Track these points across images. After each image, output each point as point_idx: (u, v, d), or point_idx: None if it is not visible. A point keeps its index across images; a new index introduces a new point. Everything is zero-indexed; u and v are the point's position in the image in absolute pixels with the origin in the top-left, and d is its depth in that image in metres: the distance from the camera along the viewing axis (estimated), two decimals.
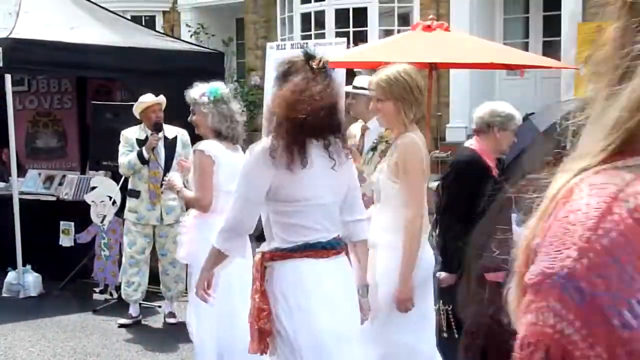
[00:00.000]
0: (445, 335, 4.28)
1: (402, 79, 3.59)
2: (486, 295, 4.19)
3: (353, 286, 3.17)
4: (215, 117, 4.42)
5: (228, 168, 4.15)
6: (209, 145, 4.37)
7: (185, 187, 4.58)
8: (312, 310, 2.97)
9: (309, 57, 3.07)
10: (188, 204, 4.59)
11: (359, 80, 5.89)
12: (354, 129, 5.89)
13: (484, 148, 4.24)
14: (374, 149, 5.72)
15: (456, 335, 4.21)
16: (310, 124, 2.91)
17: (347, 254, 3.20)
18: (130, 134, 6.51)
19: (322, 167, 2.99)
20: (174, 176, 4.77)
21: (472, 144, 4.31)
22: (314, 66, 3.02)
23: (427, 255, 3.71)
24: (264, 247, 3.07)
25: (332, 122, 2.99)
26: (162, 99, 6.49)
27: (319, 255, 3.01)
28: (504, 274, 4.34)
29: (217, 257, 3.14)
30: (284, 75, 3.07)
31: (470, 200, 4.09)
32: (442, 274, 4.20)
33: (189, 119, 4.61)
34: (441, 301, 4.26)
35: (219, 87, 4.57)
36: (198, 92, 4.53)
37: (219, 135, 4.45)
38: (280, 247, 3.01)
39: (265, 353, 3.06)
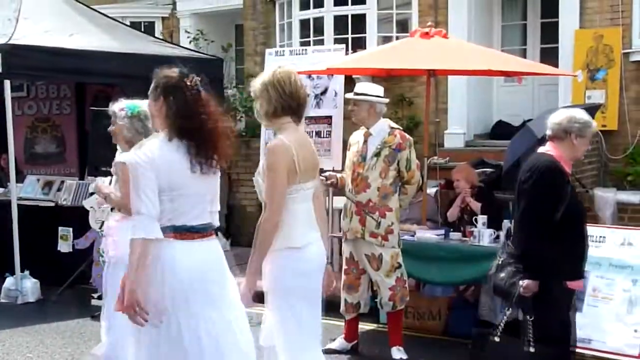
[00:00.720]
0: (495, 339, 4.22)
1: (262, 79, 3.81)
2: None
3: (218, 265, 3.55)
4: (129, 130, 4.81)
5: None
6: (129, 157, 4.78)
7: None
8: (163, 288, 3.38)
9: (183, 75, 3.53)
10: (117, 207, 4.83)
11: (360, 87, 5.91)
12: (357, 135, 5.92)
13: (561, 154, 4.22)
14: (377, 154, 5.75)
15: (531, 349, 4.10)
16: (190, 136, 3.44)
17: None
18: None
19: (192, 167, 3.45)
20: (103, 181, 5.13)
21: (549, 149, 4.26)
22: (188, 83, 3.49)
23: (306, 259, 3.76)
24: None
25: (208, 136, 3.47)
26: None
27: (183, 237, 3.45)
28: (582, 281, 4.32)
29: (145, 250, 3.37)
30: (162, 88, 3.52)
31: (551, 205, 4.06)
32: (525, 282, 4.11)
33: (108, 128, 4.96)
34: (522, 311, 4.17)
35: (138, 105, 4.83)
36: (119, 105, 4.90)
37: (132, 147, 4.80)
38: None
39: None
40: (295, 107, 3.77)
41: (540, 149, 4.32)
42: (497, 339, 4.24)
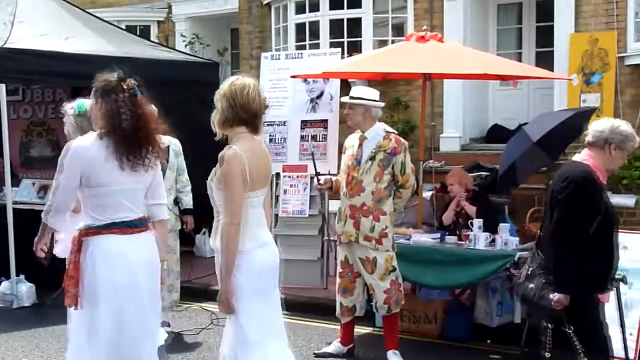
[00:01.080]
0: (547, 354, 4.13)
1: (220, 90, 3.95)
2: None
3: (155, 258, 3.90)
4: (73, 128, 4.91)
5: None
6: None
7: None
8: (113, 278, 3.70)
9: (121, 79, 3.83)
10: None
11: (355, 91, 5.91)
12: (352, 139, 5.92)
13: (596, 164, 4.10)
14: (372, 158, 5.75)
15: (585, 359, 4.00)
16: (122, 135, 3.73)
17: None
18: None
19: (121, 164, 3.73)
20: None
21: (584, 158, 4.14)
22: (125, 87, 3.80)
23: (258, 261, 3.90)
24: (80, 224, 3.84)
25: (139, 136, 3.77)
26: (152, 108, 6.48)
27: (123, 232, 3.76)
28: (608, 295, 4.21)
29: (47, 230, 4.11)
30: (101, 90, 3.83)
31: (585, 217, 3.96)
32: (556, 295, 4.02)
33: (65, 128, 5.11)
34: (551, 321, 4.10)
35: (86, 103, 4.84)
36: (71, 104, 5.02)
37: None
38: (91, 224, 3.77)
39: (76, 307, 3.77)
40: (247, 118, 3.88)
41: (576, 157, 4.19)
42: (547, 354, 4.15)
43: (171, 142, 6.56)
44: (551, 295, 4.03)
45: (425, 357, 6.10)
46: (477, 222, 6.24)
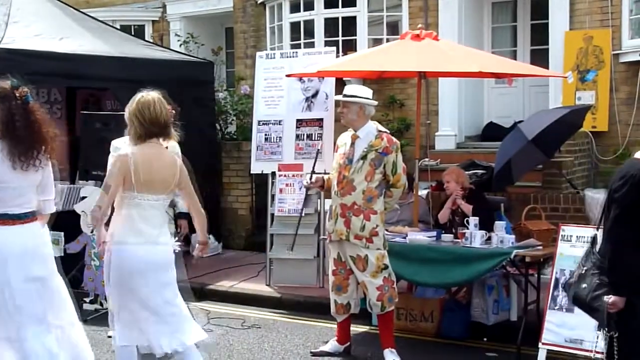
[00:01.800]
0: None
1: (128, 108, 4.46)
2: None
3: (40, 244, 4.32)
4: None
5: None
6: None
7: None
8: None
9: (14, 87, 4.21)
10: None
11: (349, 89, 5.90)
12: (344, 137, 5.91)
13: None
14: (363, 157, 5.75)
15: None
16: (15, 139, 4.14)
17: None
18: (120, 144, 6.49)
19: (14, 164, 4.12)
20: None
21: None
22: (17, 95, 4.18)
23: (134, 255, 4.37)
24: None
25: (32, 140, 4.18)
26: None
27: (7, 224, 4.16)
28: None
29: None
30: None
31: None
32: (611, 298, 3.84)
33: None
34: (603, 326, 3.93)
35: None
36: None
37: None
38: None
39: None
40: (157, 131, 4.41)
41: (637, 154, 3.99)
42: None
43: (170, 145, 6.54)
44: (605, 298, 3.88)
45: (421, 355, 6.10)
46: (473, 220, 6.24)
